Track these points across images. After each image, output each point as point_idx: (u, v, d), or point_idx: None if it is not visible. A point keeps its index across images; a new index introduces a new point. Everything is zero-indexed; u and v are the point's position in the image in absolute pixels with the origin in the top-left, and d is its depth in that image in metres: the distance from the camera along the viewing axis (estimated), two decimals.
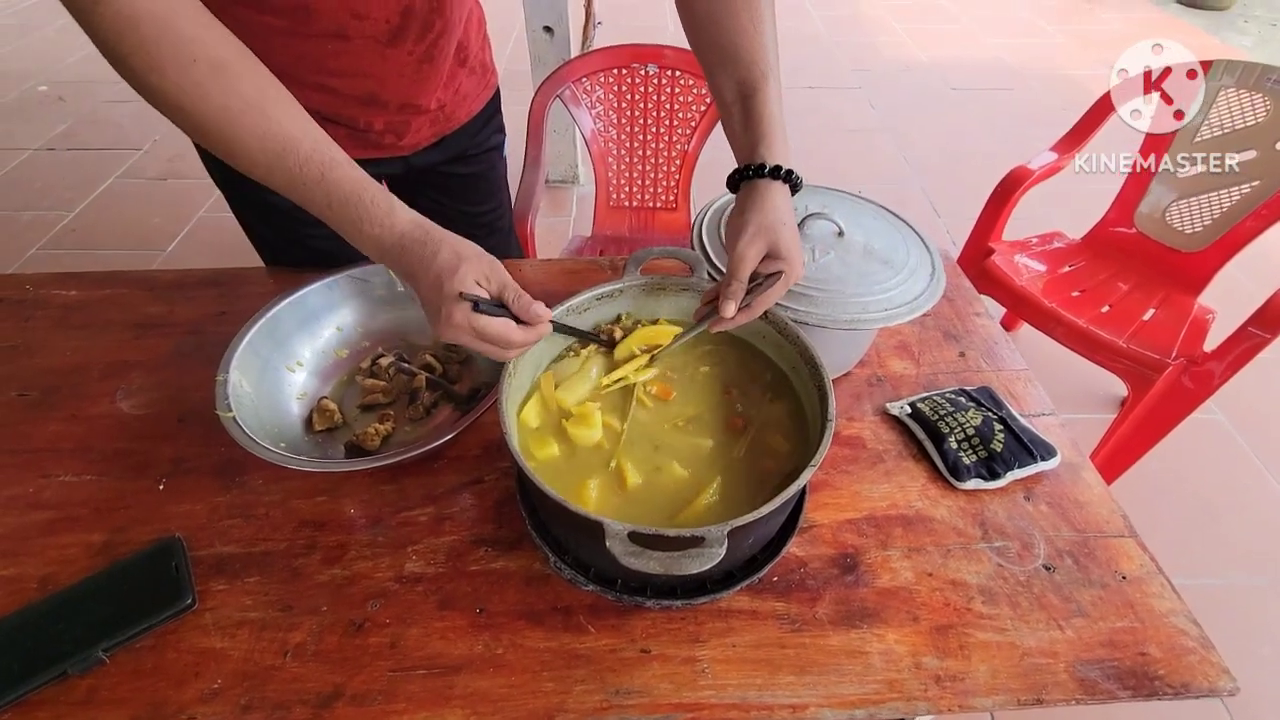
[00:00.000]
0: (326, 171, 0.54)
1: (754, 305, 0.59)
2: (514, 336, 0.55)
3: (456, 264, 0.53)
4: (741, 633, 0.57)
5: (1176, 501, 1.42)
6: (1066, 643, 0.57)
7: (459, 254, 0.54)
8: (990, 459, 0.68)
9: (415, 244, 0.55)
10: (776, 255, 0.59)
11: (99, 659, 0.53)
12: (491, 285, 0.55)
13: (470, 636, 0.56)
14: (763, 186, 0.60)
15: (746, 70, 0.63)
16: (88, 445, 0.71)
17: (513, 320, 0.55)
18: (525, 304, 0.55)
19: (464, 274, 0.53)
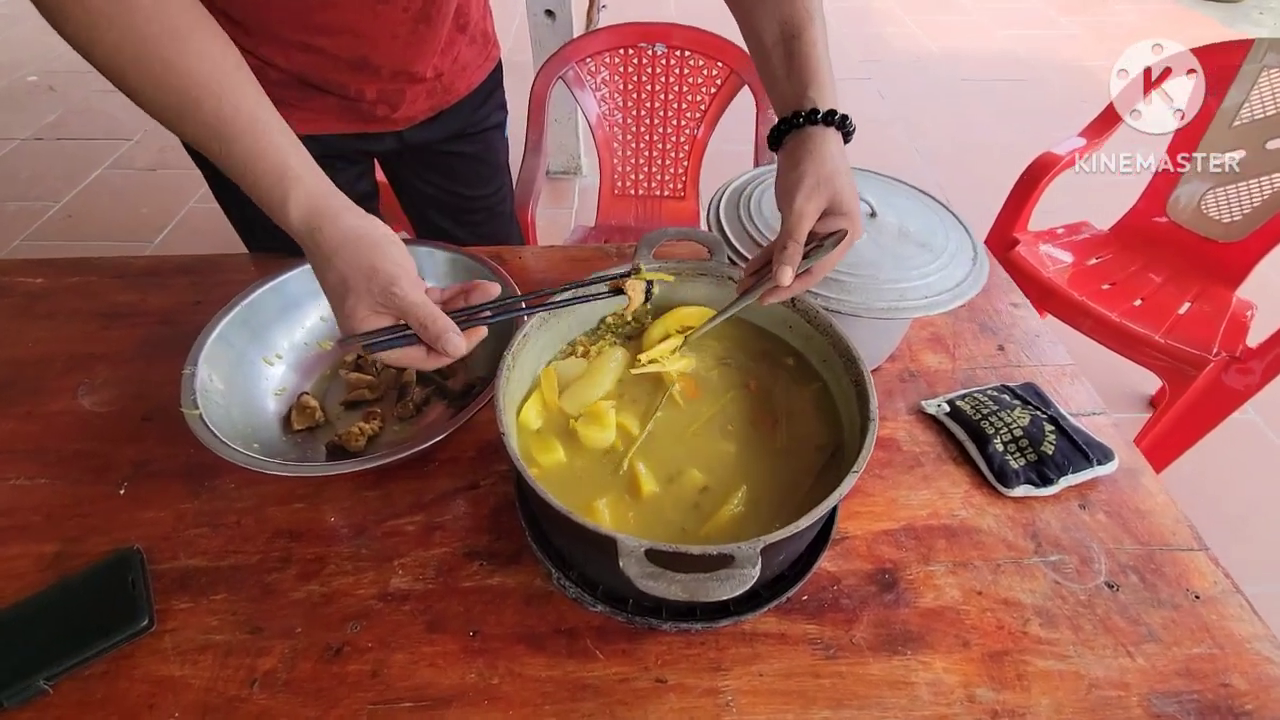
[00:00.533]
0: (224, 145, 0.47)
1: (814, 270, 0.52)
2: (422, 364, 0.48)
3: (344, 295, 0.47)
4: (769, 660, 0.50)
5: (1213, 506, 1.35)
6: (1138, 672, 0.50)
7: (345, 282, 0.46)
8: (1041, 463, 0.61)
9: (309, 251, 0.49)
10: (837, 211, 0.51)
11: (40, 689, 0.47)
12: (389, 311, 0.47)
13: (462, 663, 0.50)
14: (816, 135, 0.52)
15: (790, 7, 0.55)
16: (44, 445, 0.64)
17: (421, 346, 0.48)
18: (432, 337, 0.47)
19: (351, 309, 0.46)
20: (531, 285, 0.70)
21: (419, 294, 0.47)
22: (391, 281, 0.46)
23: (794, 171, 0.52)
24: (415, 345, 0.47)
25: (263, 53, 0.67)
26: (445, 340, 0.46)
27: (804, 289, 0.53)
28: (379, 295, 0.46)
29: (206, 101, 0.46)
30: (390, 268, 0.47)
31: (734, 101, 1.36)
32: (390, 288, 0.46)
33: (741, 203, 0.70)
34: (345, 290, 0.47)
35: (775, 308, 0.60)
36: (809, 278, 0.52)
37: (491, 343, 0.70)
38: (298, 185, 0.48)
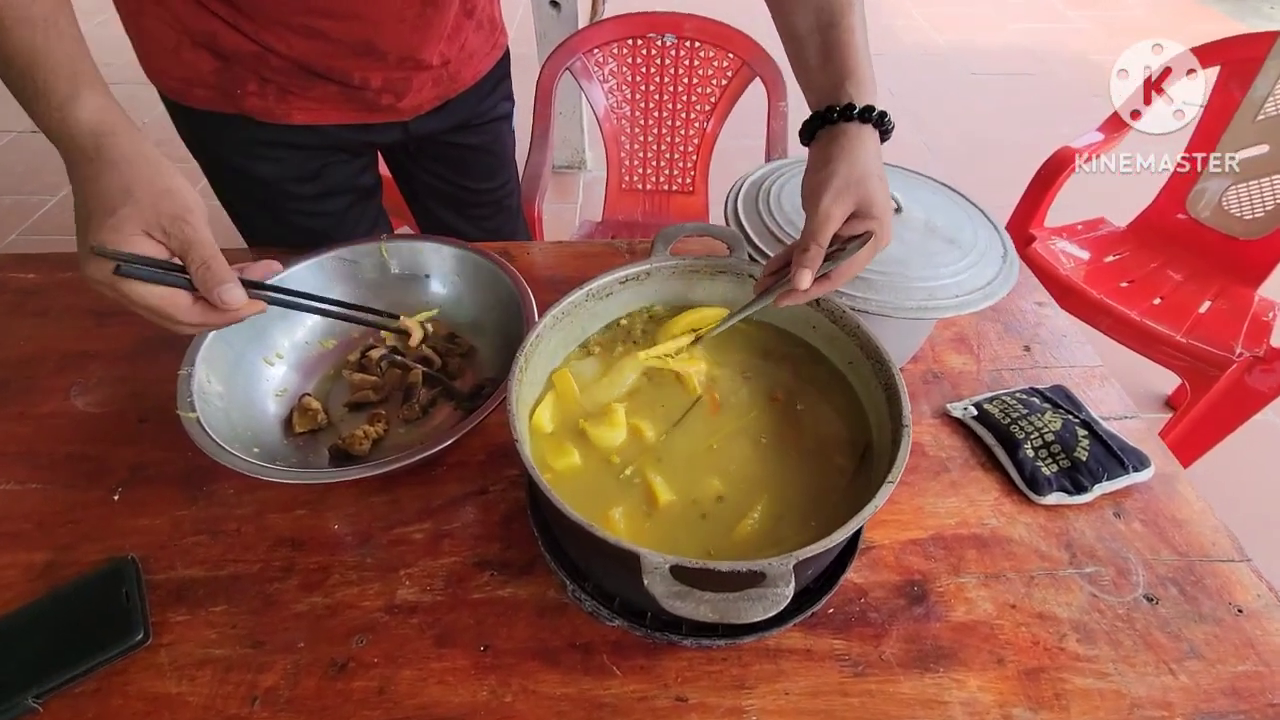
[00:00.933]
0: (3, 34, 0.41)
1: (834, 275, 0.49)
2: (182, 315, 0.42)
3: (117, 204, 0.40)
4: (795, 677, 0.48)
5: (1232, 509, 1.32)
6: (1181, 690, 0.48)
7: (129, 190, 0.41)
8: (1074, 469, 0.59)
9: (81, 157, 0.42)
10: (866, 214, 0.49)
11: (30, 707, 0.45)
12: (171, 241, 0.41)
13: (473, 680, 0.47)
14: (850, 132, 0.49)
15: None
16: (35, 449, 0.62)
17: (187, 291, 0.42)
18: (212, 279, 0.41)
19: (121, 219, 0.40)
20: (539, 282, 0.67)
21: (210, 234, 0.42)
22: (187, 209, 0.42)
23: (823, 170, 0.49)
24: (182, 290, 0.42)
25: (264, 39, 0.64)
26: (226, 289, 0.42)
27: (822, 293, 0.50)
28: (165, 219, 0.41)
29: None
30: (188, 197, 0.43)
31: (745, 94, 1.33)
32: (183, 214, 0.41)
33: (760, 197, 0.67)
34: (123, 198, 0.40)
35: (798, 307, 0.58)
36: (828, 282, 0.50)
37: (500, 342, 0.68)
38: (92, 89, 0.43)
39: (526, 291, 0.65)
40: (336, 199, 0.83)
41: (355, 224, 0.86)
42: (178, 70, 0.68)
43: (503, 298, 0.67)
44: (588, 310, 0.58)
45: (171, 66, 0.68)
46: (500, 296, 0.68)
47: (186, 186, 0.43)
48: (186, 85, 0.69)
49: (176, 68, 0.67)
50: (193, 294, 0.43)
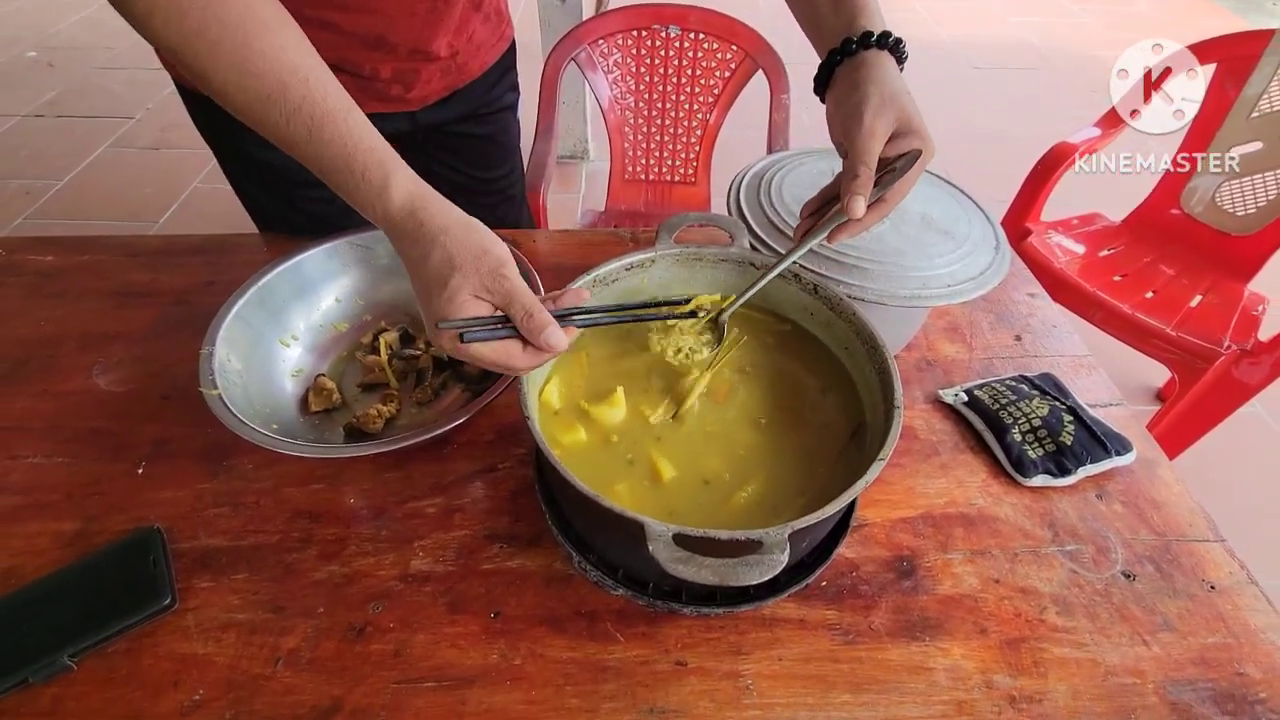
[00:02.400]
0: (314, 129, 0.44)
1: (889, 197, 0.48)
2: (517, 362, 0.45)
3: (448, 275, 0.43)
4: (789, 644, 0.51)
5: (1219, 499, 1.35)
6: (1153, 660, 0.50)
7: (452, 261, 0.44)
8: (1059, 453, 0.61)
9: (406, 237, 0.46)
10: (907, 130, 0.48)
11: (65, 665, 0.47)
12: (495, 298, 0.45)
13: (484, 644, 0.50)
14: (871, 57, 0.49)
15: None
16: (60, 424, 0.64)
17: (517, 340, 0.45)
18: (536, 328, 0.44)
19: (454, 290, 0.43)
20: (544, 269, 0.69)
21: (523, 282, 0.45)
22: (501, 264, 0.44)
23: (855, 93, 0.48)
24: (513, 339, 0.45)
25: None
26: (549, 333, 0.44)
27: (877, 221, 0.49)
28: (488, 277, 0.44)
29: (295, 87, 0.44)
30: (500, 251, 0.45)
31: (748, 87, 1.34)
32: (500, 269, 0.44)
33: (762, 187, 0.69)
34: (451, 270, 0.44)
35: (795, 294, 0.60)
36: (883, 205, 0.48)
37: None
38: (398, 168, 0.46)
39: (534, 278, 0.67)
40: None
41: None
42: None
43: None
44: (594, 296, 0.60)
45: None
46: None
47: (495, 239, 0.46)
48: None
49: None
50: (522, 340, 0.45)
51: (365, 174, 0.45)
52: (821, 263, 0.62)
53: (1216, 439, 1.24)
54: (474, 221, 0.46)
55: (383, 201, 0.45)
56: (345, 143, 0.45)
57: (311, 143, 0.45)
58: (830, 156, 0.75)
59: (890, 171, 0.48)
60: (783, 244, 0.64)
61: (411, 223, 0.45)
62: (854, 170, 0.47)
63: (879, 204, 0.48)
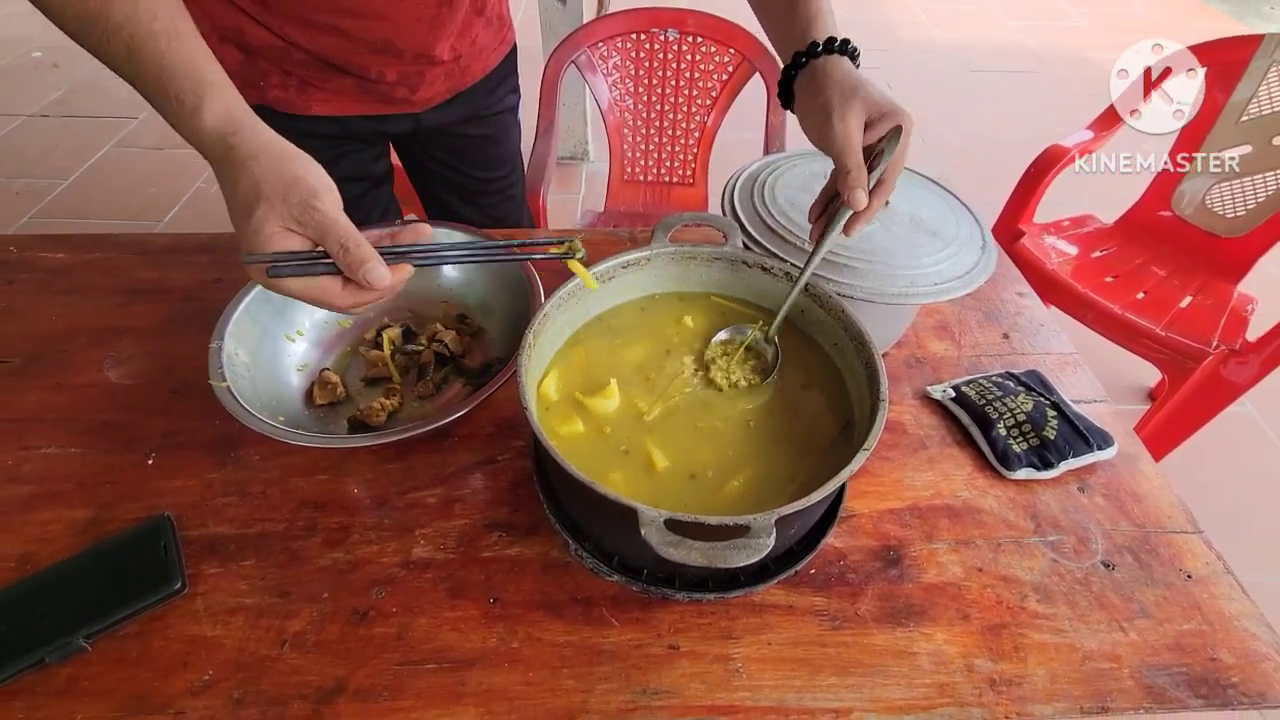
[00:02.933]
0: (135, 47, 0.43)
1: (885, 179, 0.49)
2: (336, 300, 0.43)
3: (254, 204, 0.41)
4: (778, 629, 0.53)
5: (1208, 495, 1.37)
6: (1130, 646, 0.52)
7: (259, 188, 0.41)
8: (1043, 447, 0.63)
9: (218, 163, 0.44)
10: (879, 114, 0.49)
11: (80, 646, 0.49)
12: (308, 230, 0.42)
13: (483, 628, 0.52)
14: (822, 63, 0.51)
15: None
16: (72, 416, 0.66)
17: (334, 277, 0.42)
18: (354, 262, 0.41)
19: (259, 220, 0.41)
20: (543, 267, 0.71)
21: (342, 213, 0.43)
22: (313, 194, 0.42)
23: (818, 99, 0.50)
24: (331, 275, 0.42)
25: (288, 34, 0.68)
26: (368, 269, 0.41)
27: (883, 202, 0.50)
28: (296, 208, 0.41)
29: (120, 6, 0.43)
30: (314, 180, 0.43)
31: (745, 89, 1.36)
32: (311, 200, 0.42)
33: (756, 189, 0.71)
34: (257, 199, 0.41)
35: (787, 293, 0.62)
36: (883, 188, 0.50)
37: (507, 323, 0.72)
38: (214, 92, 0.44)
39: (534, 276, 0.69)
40: (351, 186, 0.86)
41: (368, 209, 0.90)
42: None
43: (510, 282, 0.71)
44: (591, 293, 0.62)
45: None
46: (508, 280, 0.72)
47: (313, 168, 0.44)
48: None
49: None
50: (341, 278, 0.43)
51: (180, 97, 0.43)
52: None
53: (1209, 438, 1.26)
54: (293, 150, 0.44)
55: (194, 123, 0.44)
56: (163, 64, 0.43)
57: (130, 62, 0.44)
58: (823, 159, 0.76)
59: (880, 154, 0.50)
60: (775, 243, 0.66)
61: (222, 147, 0.43)
62: (845, 168, 0.49)
63: (879, 187, 0.50)
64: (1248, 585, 0.56)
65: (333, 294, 0.43)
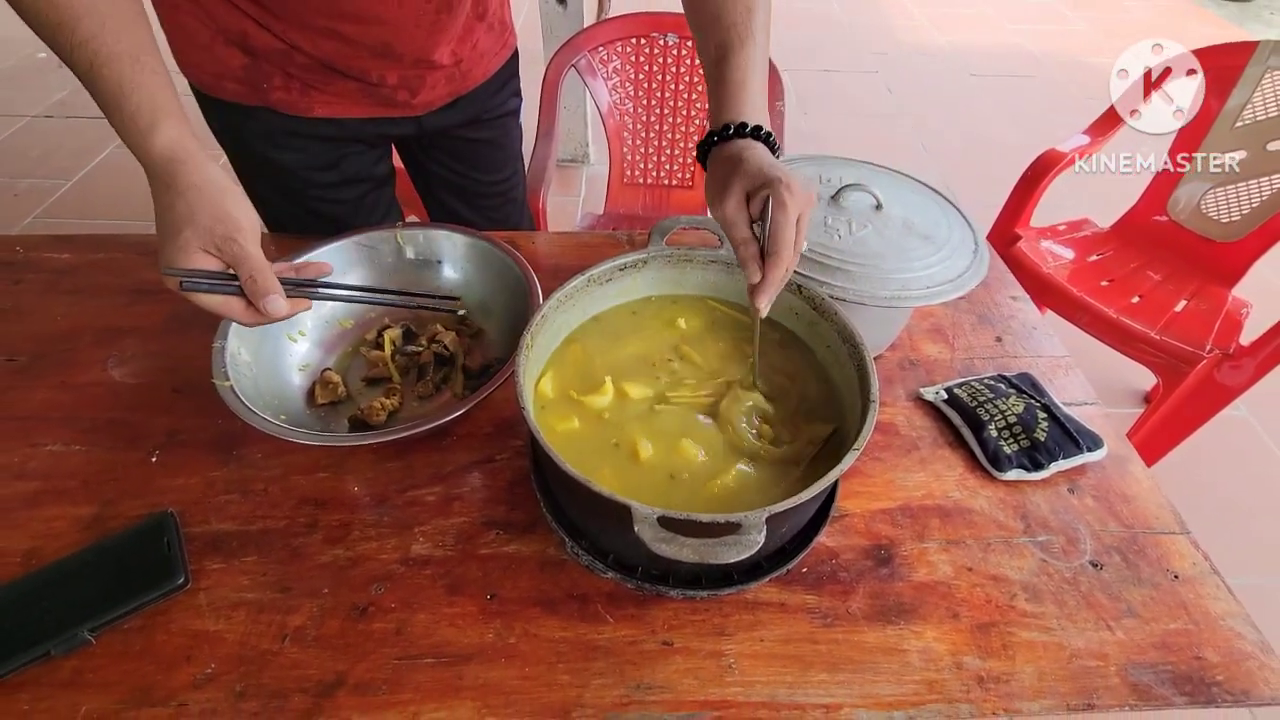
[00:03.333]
0: (97, 64, 0.47)
1: (774, 250, 0.48)
2: (238, 316, 0.50)
3: (182, 227, 0.48)
4: (770, 626, 0.54)
5: (1202, 499, 1.38)
6: (1117, 644, 0.53)
7: (192, 215, 0.48)
8: (1033, 449, 0.64)
9: (159, 182, 0.49)
10: (756, 184, 0.50)
11: (84, 639, 0.50)
12: (224, 257, 0.49)
13: (481, 624, 0.53)
14: (725, 147, 0.53)
15: (726, 32, 0.58)
16: (77, 414, 0.67)
17: (239, 298, 0.50)
18: (258, 291, 0.49)
19: (185, 241, 0.48)
20: (543, 270, 0.72)
21: (258, 249, 0.50)
22: (237, 229, 0.49)
23: (710, 182, 0.54)
24: (236, 297, 0.50)
25: (291, 38, 0.69)
26: (268, 300, 0.50)
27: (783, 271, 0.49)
28: (219, 239, 0.48)
29: (88, 24, 0.47)
30: (241, 219, 0.50)
31: None
32: (234, 234, 0.49)
33: None
34: (186, 223, 0.48)
35: (781, 295, 0.62)
36: (776, 259, 0.48)
37: (506, 325, 0.73)
38: (169, 120, 0.49)
39: (533, 278, 0.70)
40: (353, 187, 0.88)
41: (370, 211, 0.91)
42: (210, 65, 0.72)
43: (510, 283, 0.72)
44: (588, 295, 0.63)
45: (204, 61, 0.72)
46: (508, 282, 0.73)
47: (244, 209, 0.50)
48: (217, 79, 0.74)
49: (209, 62, 0.72)
50: (244, 300, 0.51)
51: (135, 117, 0.48)
52: (806, 265, 0.64)
53: (1205, 442, 1.27)
54: (233, 189, 0.50)
55: (144, 144, 0.49)
56: (121, 84, 0.48)
57: (90, 77, 0.48)
58: (819, 163, 0.78)
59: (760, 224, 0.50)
60: None
61: (166, 171, 0.49)
62: (734, 246, 0.51)
63: (772, 259, 0.49)
64: (1244, 588, 0.56)
65: (237, 312, 0.51)
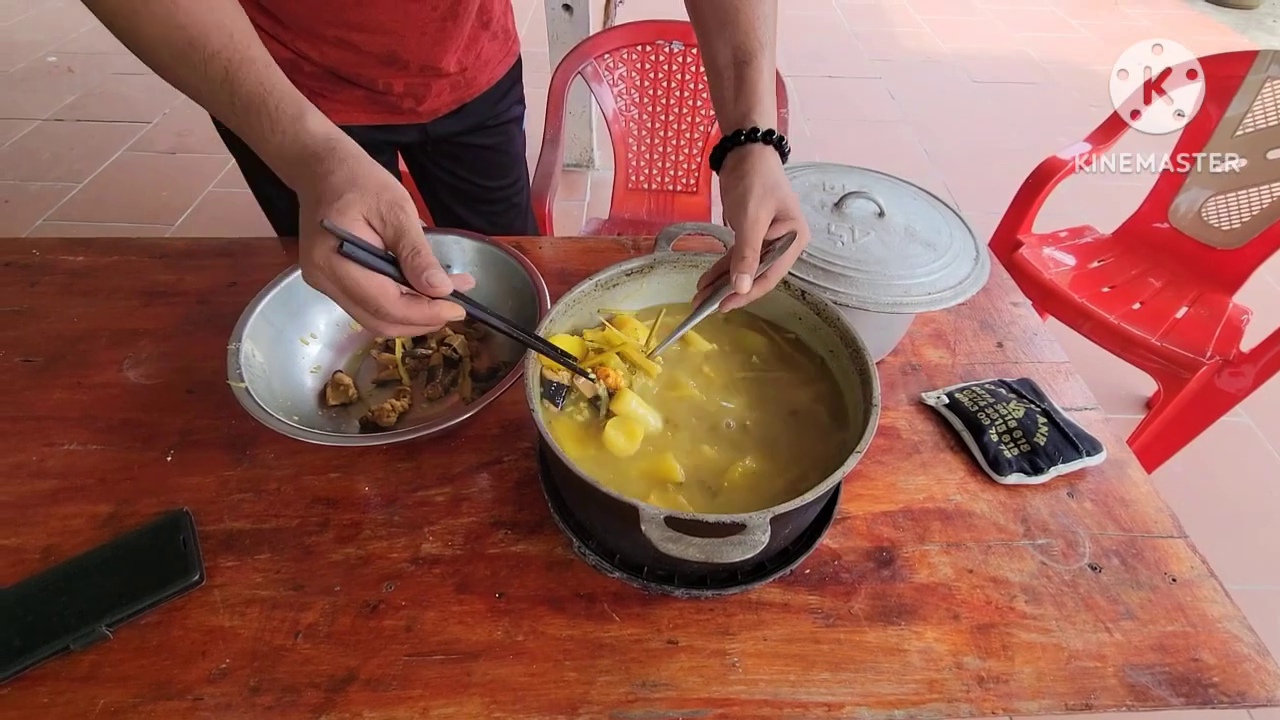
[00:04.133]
0: (232, 70, 0.47)
1: (769, 275, 0.53)
2: (389, 307, 0.43)
3: (346, 189, 0.43)
4: (773, 626, 0.54)
5: (1204, 505, 1.39)
6: (1115, 646, 0.54)
7: (355, 179, 0.43)
8: (1033, 453, 0.65)
9: (314, 159, 0.45)
10: (785, 216, 0.54)
11: (102, 634, 0.51)
12: (386, 230, 0.44)
13: (489, 622, 0.54)
14: (757, 150, 0.55)
15: (744, 36, 0.59)
16: (93, 414, 0.68)
17: (397, 282, 0.44)
18: (419, 266, 0.43)
19: (346, 203, 0.42)
20: (549, 275, 0.73)
21: (420, 226, 0.45)
22: (404, 198, 0.45)
23: (741, 184, 0.54)
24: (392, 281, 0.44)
25: (299, 47, 0.71)
26: (431, 273, 0.43)
27: (762, 294, 0.54)
28: (384, 205, 0.44)
29: (216, 36, 0.47)
30: (404, 191, 0.46)
31: None
32: (401, 202, 0.44)
33: None
34: (351, 185, 0.43)
35: (785, 300, 0.64)
36: (765, 282, 0.53)
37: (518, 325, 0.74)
38: (314, 111, 0.48)
39: (540, 282, 0.71)
40: None
41: None
42: None
43: (517, 287, 0.74)
44: (595, 299, 0.64)
45: None
46: (515, 286, 0.74)
47: (401, 187, 0.46)
48: None
49: None
50: (401, 286, 0.44)
51: (280, 107, 0.47)
52: (810, 271, 0.66)
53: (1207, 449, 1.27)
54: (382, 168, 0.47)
55: (298, 127, 0.46)
56: (263, 82, 0.47)
57: (228, 82, 0.47)
58: (822, 170, 0.79)
59: (770, 251, 0.54)
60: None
61: (325, 147, 0.46)
62: (741, 251, 0.52)
63: (761, 279, 0.53)
64: (1245, 594, 0.57)
65: (389, 296, 0.44)
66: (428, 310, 0.45)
